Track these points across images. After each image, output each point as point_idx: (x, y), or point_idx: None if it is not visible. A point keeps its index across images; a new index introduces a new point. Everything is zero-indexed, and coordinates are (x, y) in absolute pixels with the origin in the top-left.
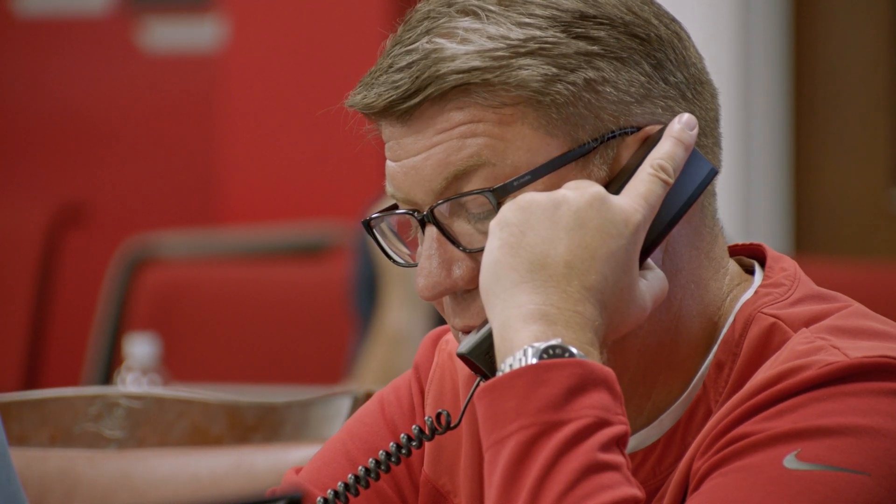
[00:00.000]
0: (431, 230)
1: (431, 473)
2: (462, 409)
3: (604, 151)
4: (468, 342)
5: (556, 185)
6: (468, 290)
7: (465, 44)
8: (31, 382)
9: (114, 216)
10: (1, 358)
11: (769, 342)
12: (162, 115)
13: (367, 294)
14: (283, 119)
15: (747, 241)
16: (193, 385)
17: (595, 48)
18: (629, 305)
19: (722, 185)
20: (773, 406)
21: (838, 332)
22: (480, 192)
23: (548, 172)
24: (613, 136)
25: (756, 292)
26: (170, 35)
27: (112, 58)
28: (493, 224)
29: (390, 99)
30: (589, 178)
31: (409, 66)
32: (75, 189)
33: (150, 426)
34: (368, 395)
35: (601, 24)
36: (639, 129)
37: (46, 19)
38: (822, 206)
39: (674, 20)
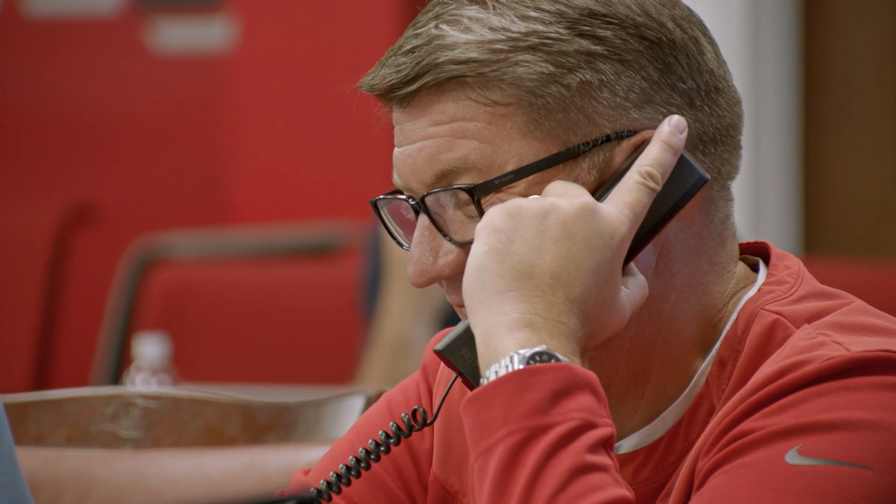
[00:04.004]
0: (423, 218)
1: (440, 473)
2: (438, 405)
3: (594, 155)
4: (445, 340)
5: (540, 187)
6: (459, 275)
7: (466, 33)
8: (40, 383)
9: (123, 216)
10: (11, 358)
11: (771, 338)
12: (171, 116)
13: (377, 294)
14: (292, 119)
15: (754, 240)
16: (203, 385)
17: (598, 48)
18: (609, 316)
19: (732, 185)
20: (775, 402)
21: (840, 328)
22: (461, 188)
23: (532, 173)
24: (607, 141)
25: (759, 290)
26: (179, 35)
27: (121, 58)
28: (480, 228)
29: (391, 82)
30: (576, 181)
31: (413, 50)
32: (84, 189)
33: (166, 426)
34: (380, 395)
35: (609, 23)
36: (635, 133)
37: (55, 20)
38: (831, 205)
39: (693, 24)
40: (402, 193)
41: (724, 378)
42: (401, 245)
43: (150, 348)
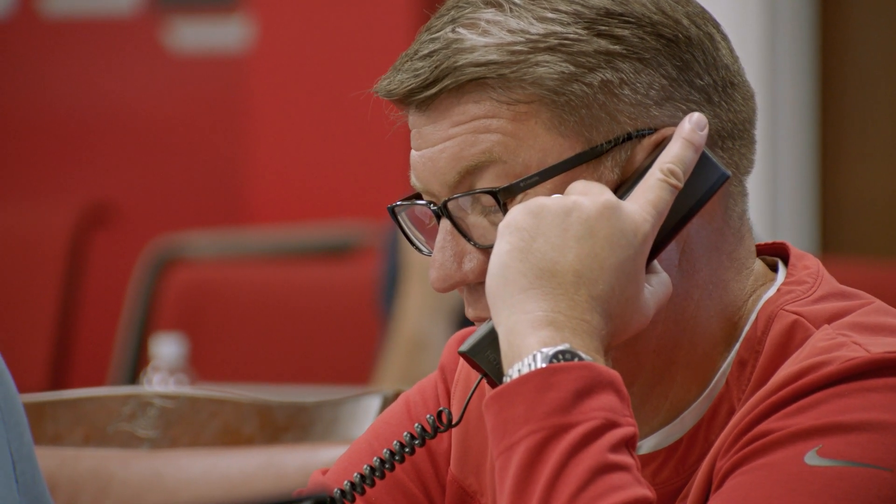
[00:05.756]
0: (445, 223)
1: (458, 473)
2: (464, 405)
3: (617, 153)
4: (469, 341)
5: (565, 186)
6: (481, 282)
7: (485, 36)
8: (58, 382)
9: (140, 216)
10: (28, 358)
11: (791, 339)
12: (188, 116)
13: (394, 294)
14: (310, 119)
15: (772, 241)
16: (220, 385)
17: (617, 48)
18: (633, 314)
19: (749, 184)
20: (794, 402)
21: (860, 329)
22: (486, 191)
23: (557, 174)
24: (629, 139)
25: (778, 290)
26: (196, 35)
27: (139, 58)
28: (503, 227)
29: (410, 87)
30: (599, 179)
31: (431, 54)
32: (102, 189)
33: (183, 426)
34: (398, 395)
35: (627, 22)
36: (655, 130)
37: (73, 19)
38: (848, 205)
39: (707, 21)
40: (420, 197)
41: (744, 379)
42: (420, 251)
43: (167, 348)
